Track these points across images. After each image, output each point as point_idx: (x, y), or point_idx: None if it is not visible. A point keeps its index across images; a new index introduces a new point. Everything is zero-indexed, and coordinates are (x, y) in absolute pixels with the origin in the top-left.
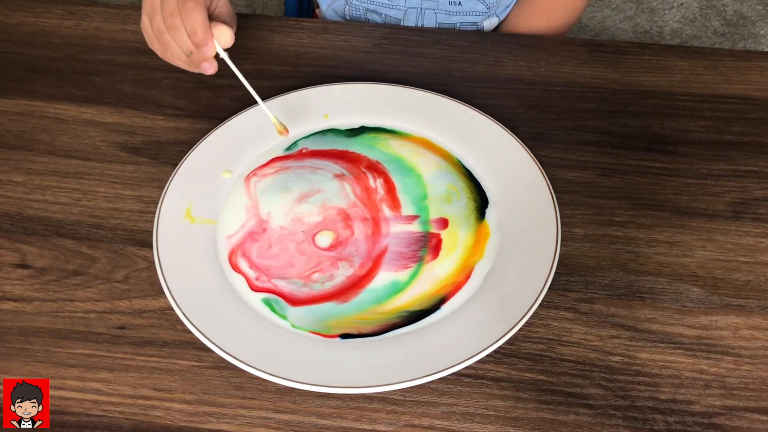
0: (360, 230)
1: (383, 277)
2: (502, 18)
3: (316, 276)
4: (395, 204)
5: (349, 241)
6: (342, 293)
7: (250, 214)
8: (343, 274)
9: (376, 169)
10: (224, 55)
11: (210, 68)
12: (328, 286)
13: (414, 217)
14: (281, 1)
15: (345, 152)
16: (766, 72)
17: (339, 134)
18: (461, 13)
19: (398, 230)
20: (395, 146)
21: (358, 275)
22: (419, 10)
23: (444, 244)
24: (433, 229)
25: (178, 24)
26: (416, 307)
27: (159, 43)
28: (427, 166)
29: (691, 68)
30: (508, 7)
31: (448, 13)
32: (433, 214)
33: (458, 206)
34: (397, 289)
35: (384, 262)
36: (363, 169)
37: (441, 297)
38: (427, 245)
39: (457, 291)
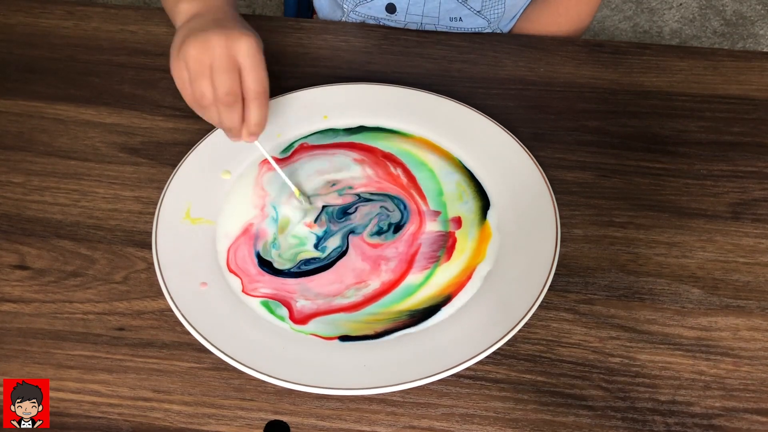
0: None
1: (405, 281)
2: (505, 32)
3: (350, 292)
4: (421, 195)
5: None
6: (364, 303)
7: (257, 212)
8: (379, 279)
9: (391, 158)
10: (261, 148)
11: (238, 141)
12: (354, 298)
13: (437, 213)
14: (280, 1)
15: (353, 143)
16: (765, 72)
17: (338, 133)
18: (462, 29)
19: (429, 228)
20: (398, 143)
21: (391, 280)
22: (419, 24)
23: (457, 246)
24: (451, 228)
25: (233, 102)
26: (423, 305)
27: (197, 104)
28: (435, 162)
29: (691, 68)
30: (511, 20)
31: (448, 28)
32: (451, 213)
33: (467, 206)
34: (409, 292)
35: (414, 264)
36: (380, 157)
37: (446, 296)
38: (445, 245)
39: (460, 291)
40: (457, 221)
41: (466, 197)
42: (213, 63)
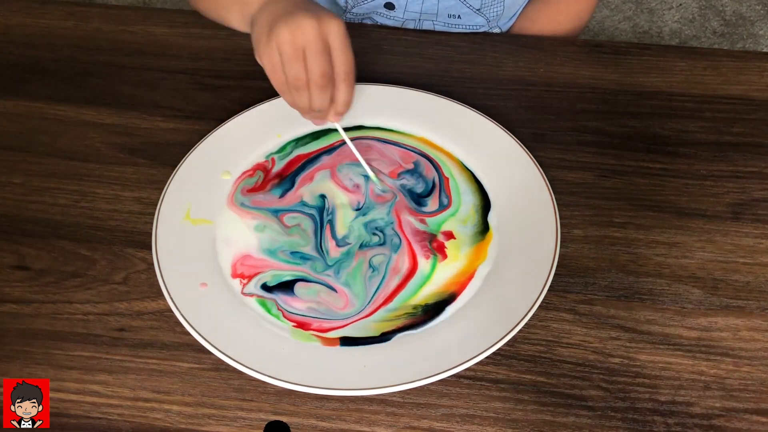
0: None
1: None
2: (504, 30)
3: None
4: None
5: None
6: (396, 291)
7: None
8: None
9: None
10: (341, 130)
11: (325, 124)
12: (398, 278)
13: (424, 224)
14: None
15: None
16: (765, 72)
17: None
18: (460, 26)
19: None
20: (402, 140)
21: (409, 252)
22: (417, 21)
23: (448, 252)
24: (439, 238)
25: (326, 85)
26: (432, 300)
27: (288, 87)
28: (452, 167)
29: (691, 69)
30: (510, 18)
31: (446, 25)
32: (444, 228)
33: (466, 229)
34: (421, 283)
35: (412, 244)
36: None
37: (450, 293)
38: (431, 241)
39: (464, 289)
40: (448, 234)
41: (470, 223)
42: (306, 45)
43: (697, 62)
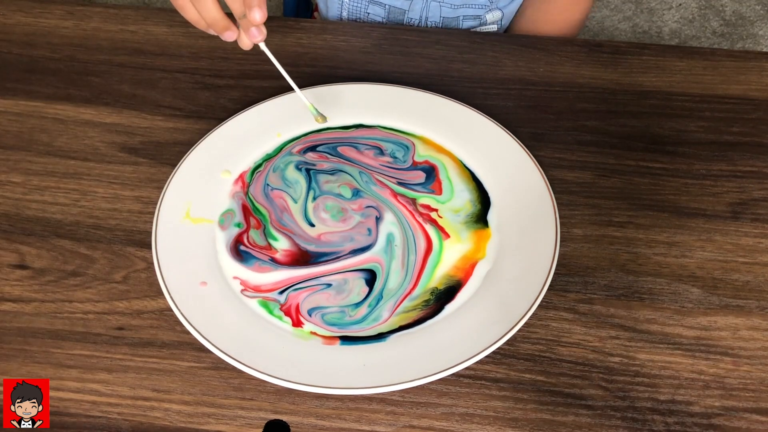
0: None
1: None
2: (505, 12)
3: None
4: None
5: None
6: (419, 275)
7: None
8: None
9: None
10: (266, 50)
11: (258, 35)
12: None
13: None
14: (280, 1)
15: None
16: (764, 72)
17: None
18: (465, 6)
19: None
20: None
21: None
22: (425, 0)
23: (448, 231)
24: (420, 209)
25: None
26: (443, 284)
27: (192, 1)
28: (451, 165)
29: (690, 68)
30: (512, 1)
31: (453, 7)
32: (423, 201)
33: (457, 217)
34: (436, 260)
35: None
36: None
37: (458, 280)
38: (415, 204)
39: (468, 278)
40: (428, 206)
41: (464, 212)
42: None
43: (697, 62)
